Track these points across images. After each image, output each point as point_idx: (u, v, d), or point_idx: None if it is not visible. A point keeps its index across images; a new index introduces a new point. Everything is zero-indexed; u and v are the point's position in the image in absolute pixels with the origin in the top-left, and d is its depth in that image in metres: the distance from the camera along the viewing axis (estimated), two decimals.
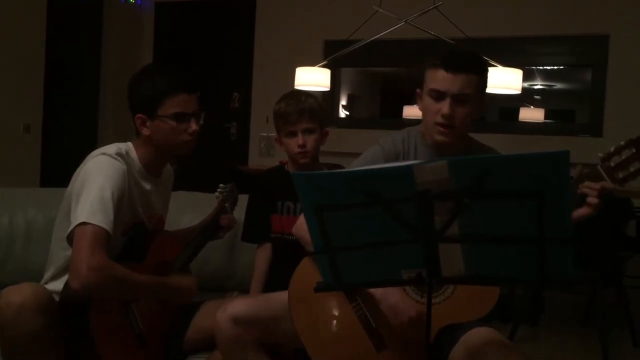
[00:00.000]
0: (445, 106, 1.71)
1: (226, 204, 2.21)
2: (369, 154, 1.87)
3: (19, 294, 1.59)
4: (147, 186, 1.93)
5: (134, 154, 1.89)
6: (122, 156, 1.82)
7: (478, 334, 1.58)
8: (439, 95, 1.73)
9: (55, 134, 5.29)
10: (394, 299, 1.65)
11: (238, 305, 1.76)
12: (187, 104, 1.87)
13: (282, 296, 1.77)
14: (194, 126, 1.88)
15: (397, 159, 1.82)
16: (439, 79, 1.72)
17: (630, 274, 3.83)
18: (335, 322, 1.72)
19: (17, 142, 4.88)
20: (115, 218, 1.73)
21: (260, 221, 2.25)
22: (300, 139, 2.16)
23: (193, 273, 2.04)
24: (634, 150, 1.53)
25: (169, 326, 1.93)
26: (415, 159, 1.81)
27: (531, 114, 6.99)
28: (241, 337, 1.73)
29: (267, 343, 1.79)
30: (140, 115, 1.87)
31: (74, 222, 1.68)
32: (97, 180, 1.73)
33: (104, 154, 1.80)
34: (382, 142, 1.88)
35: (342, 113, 6.29)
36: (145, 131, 1.87)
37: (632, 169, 1.53)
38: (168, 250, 1.96)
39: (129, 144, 1.91)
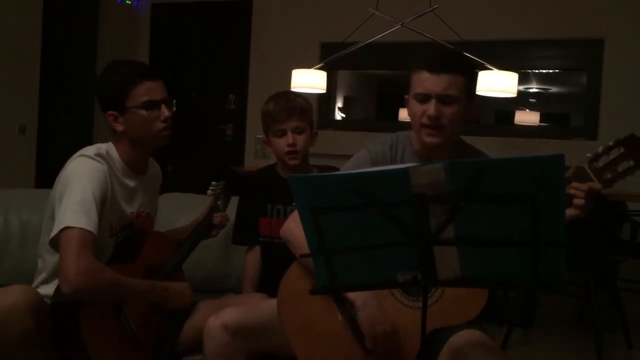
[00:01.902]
0: (431, 107, 1.70)
1: (218, 202, 2.20)
2: (357, 158, 1.87)
3: (9, 296, 1.58)
4: (132, 183, 1.92)
5: (114, 152, 1.89)
6: (102, 156, 1.82)
7: (462, 336, 1.59)
8: (424, 98, 1.72)
9: (50, 135, 5.28)
10: (371, 309, 1.63)
11: (230, 314, 1.76)
12: (154, 91, 1.87)
13: (274, 304, 1.77)
14: (165, 112, 1.87)
15: (384, 165, 1.81)
16: (423, 80, 1.71)
17: (624, 276, 3.85)
18: (323, 325, 1.72)
19: (12, 143, 4.87)
20: (100, 219, 1.73)
21: (251, 223, 2.23)
22: (290, 138, 2.14)
23: (187, 274, 2.04)
24: (622, 150, 1.51)
25: (163, 327, 1.92)
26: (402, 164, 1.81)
27: (526, 117, 7.02)
28: (232, 344, 1.73)
29: (258, 353, 1.79)
30: (111, 112, 1.87)
31: (58, 227, 1.68)
32: (78, 182, 1.73)
33: (82, 155, 1.80)
34: (370, 147, 1.88)
35: (338, 115, 6.29)
36: (119, 127, 1.87)
37: (620, 169, 1.52)
38: (160, 250, 1.96)
39: (110, 143, 1.91)
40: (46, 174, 5.10)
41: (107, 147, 1.89)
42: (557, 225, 1.17)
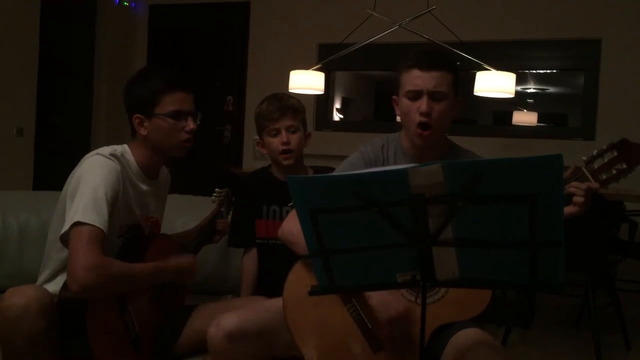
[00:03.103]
0: (422, 103, 1.73)
1: (222, 209, 2.21)
2: (350, 160, 1.88)
3: (22, 296, 1.59)
4: (144, 187, 1.93)
5: (130, 155, 1.90)
6: (117, 157, 1.83)
7: (466, 335, 1.60)
8: (415, 95, 1.75)
9: (48, 137, 5.28)
10: (383, 294, 1.66)
11: (231, 320, 1.72)
12: (184, 102, 1.89)
13: (275, 304, 1.76)
14: (191, 124, 1.90)
15: (376, 166, 1.83)
16: (414, 78, 1.75)
17: (622, 277, 3.85)
18: (331, 324, 1.72)
19: (10, 145, 4.87)
20: (110, 218, 1.73)
21: (247, 226, 2.23)
22: (284, 137, 2.15)
23: (192, 256, 2.04)
24: (615, 154, 1.60)
25: (162, 330, 1.93)
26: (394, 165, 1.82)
27: (524, 118, 7.03)
28: (236, 352, 1.71)
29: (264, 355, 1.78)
30: (138, 115, 1.88)
31: (68, 223, 1.68)
32: (91, 180, 1.74)
33: (98, 154, 1.81)
34: (363, 149, 1.90)
35: (336, 116, 6.29)
36: (143, 131, 1.88)
37: (614, 171, 1.61)
38: (166, 253, 1.96)
39: (125, 145, 1.92)
40: (44, 176, 5.11)
41: (122, 149, 1.89)
42: (555, 226, 1.18)
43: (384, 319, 1.64)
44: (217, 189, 2.24)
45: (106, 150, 1.84)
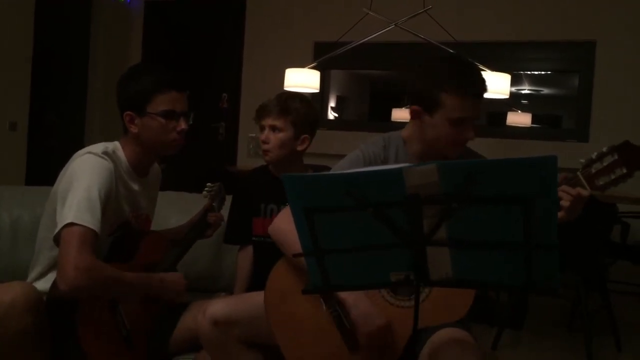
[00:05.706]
0: (470, 132, 1.72)
1: (214, 203, 2.20)
2: (350, 159, 1.87)
3: (9, 292, 1.58)
4: (135, 186, 1.92)
5: (121, 152, 1.88)
6: (109, 155, 1.81)
7: (442, 334, 1.61)
8: (462, 122, 1.70)
9: (41, 132, 5.26)
10: (364, 306, 1.64)
11: (217, 307, 1.75)
12: (177, 102, 1.87)
13: (260, 296, 1.77)
14: (182, 125, 1.88)
15: (375, 165, 1.82)
16: (466, 106, 1.68)
17: (614, 279, 3.87)
18: (309, 321, 1.72)
19: (2, 139, 4.84)
20: (102, 217, 1.72)
21: (244, 223, 2.24)
22: (262, 135, 2.17)
23: (181, 273, 2.04)
24: (616, 157, 1.52)
25: (155, 326, 1.92)
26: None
27: (518, 119, 7.03)
28: (223, 337, 1.73)
29: (252, 341, 1.79)
30: (129, 112, 1.86)
31: (61, 223, 1.66)
32: (84, 179, 1.72)
33: (90, 152, 1.79)
34: (363, 148, 1.88)
35: (331, 115, 6.29)
36: (134, 129, 1.87)
37: (613, 176, 1.52)
38: (158, 249, 1.95)
39: (116, 143, 1.90)
40: (37, 172, 5.09)
41: (114, 147, 1.87)
42: (549, 228, 1.17)
43: (364, 334, 1.63)
44: (208, 184, 2.23)
45: (98, 148, 1.82)
